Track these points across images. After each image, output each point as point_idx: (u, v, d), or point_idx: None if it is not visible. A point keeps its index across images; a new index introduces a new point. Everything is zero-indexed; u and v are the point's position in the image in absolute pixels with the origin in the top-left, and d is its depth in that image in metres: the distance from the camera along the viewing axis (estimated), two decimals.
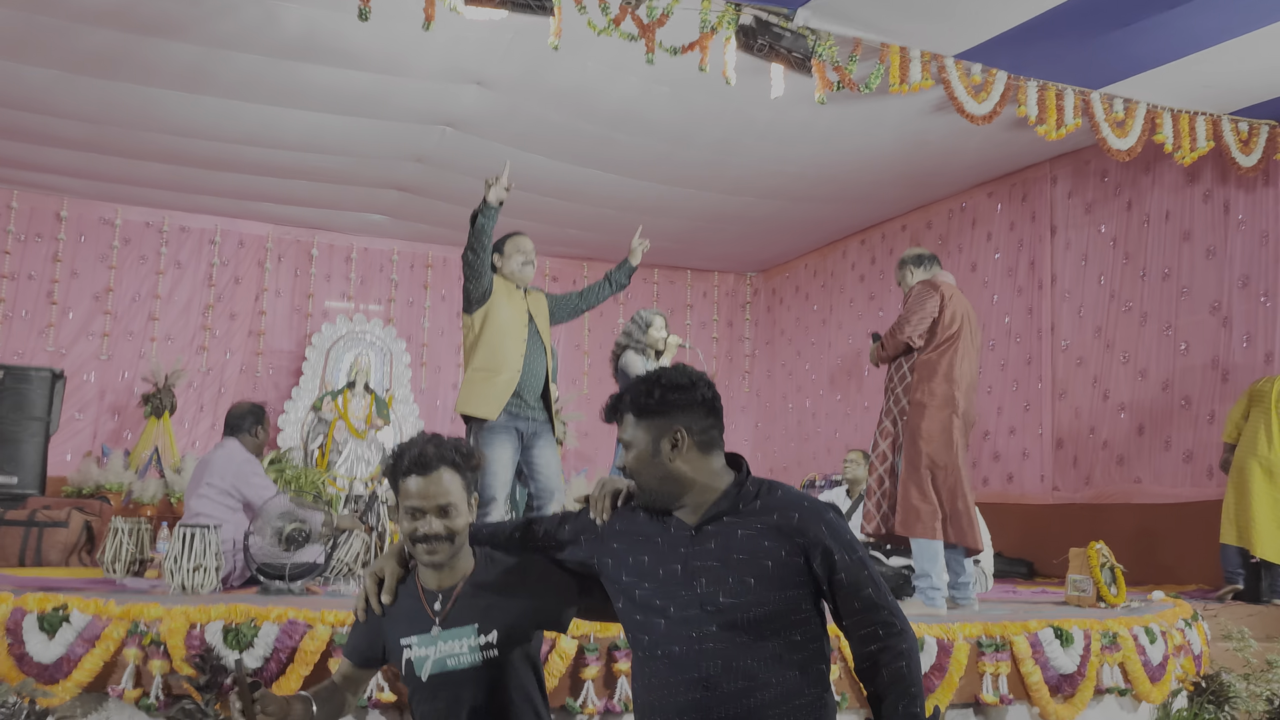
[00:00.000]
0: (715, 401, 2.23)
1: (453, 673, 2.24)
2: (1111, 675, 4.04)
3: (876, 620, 2.10)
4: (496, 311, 4.94)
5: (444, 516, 2.26)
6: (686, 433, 2.17)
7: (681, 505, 2.19)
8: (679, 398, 2.19)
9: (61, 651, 3.16)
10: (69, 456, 9.50)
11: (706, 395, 2.21)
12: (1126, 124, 6.87)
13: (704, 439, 2.19)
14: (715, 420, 2.22)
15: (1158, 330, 7.64)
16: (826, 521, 2.13)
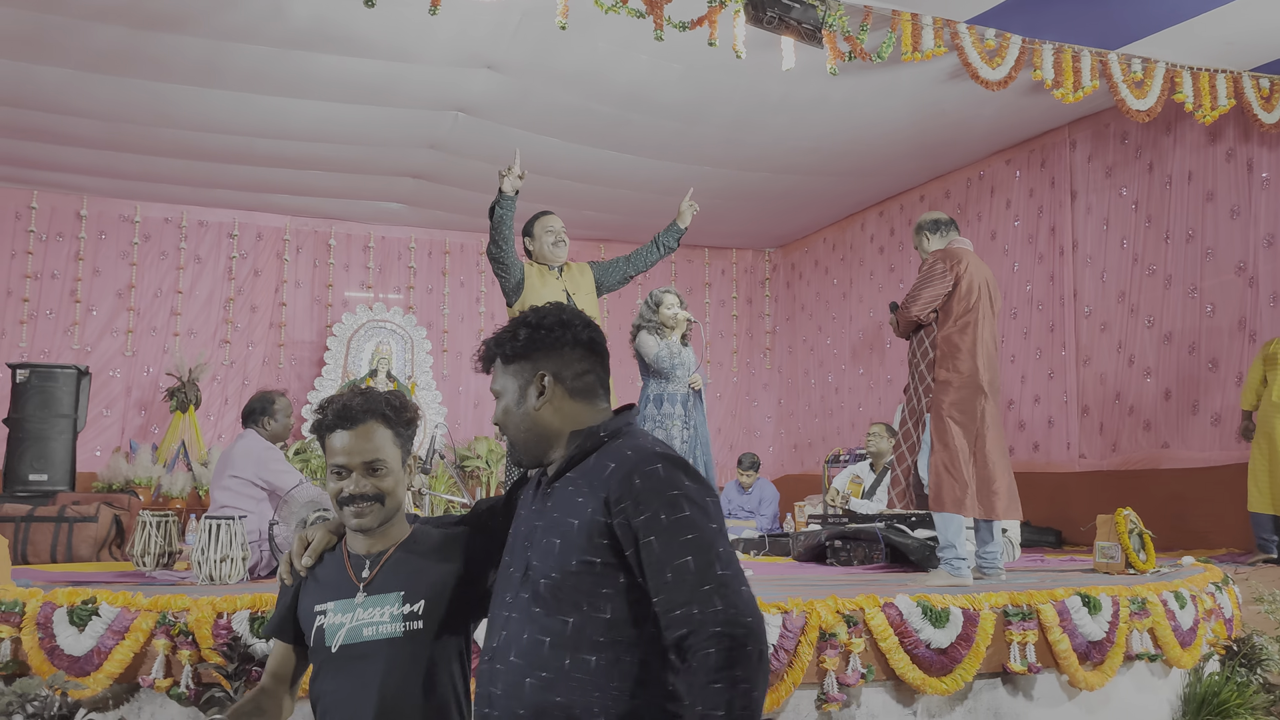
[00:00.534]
0: (595, 343, 1.96)
1: (368, 644, 1.99)
2: (1141, 641, 4.01)
3: (691, 599, 1.67)
4: (534, 300, 4.87)
5: (372, 474, 2.05)
6: (555, 378, 1.92)
7: (551, 461, 1.94)
8: (547, 338, 1.93)
9: (92, 644, 3.19)
10: (98, 452, 9.61)
11: (582, 336, 1.95)
12: (1145, 84, 6.77)
13: (578, 385, 1.94)
14: (594, 364, 1.96)
15: (1183, 293, 7.55)
16: (644, 473, 1.77)
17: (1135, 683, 4.07)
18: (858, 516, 6.96)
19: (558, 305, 2.01)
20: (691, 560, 1.69)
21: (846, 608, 3.50)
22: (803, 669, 3.35)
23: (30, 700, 2.92)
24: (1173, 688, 4.25)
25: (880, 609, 3.54)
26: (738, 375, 12.30)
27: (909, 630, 3.53)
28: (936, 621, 3.56)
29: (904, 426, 4.99)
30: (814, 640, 3.39)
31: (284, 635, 2.14)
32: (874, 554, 5.97)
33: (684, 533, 1.71)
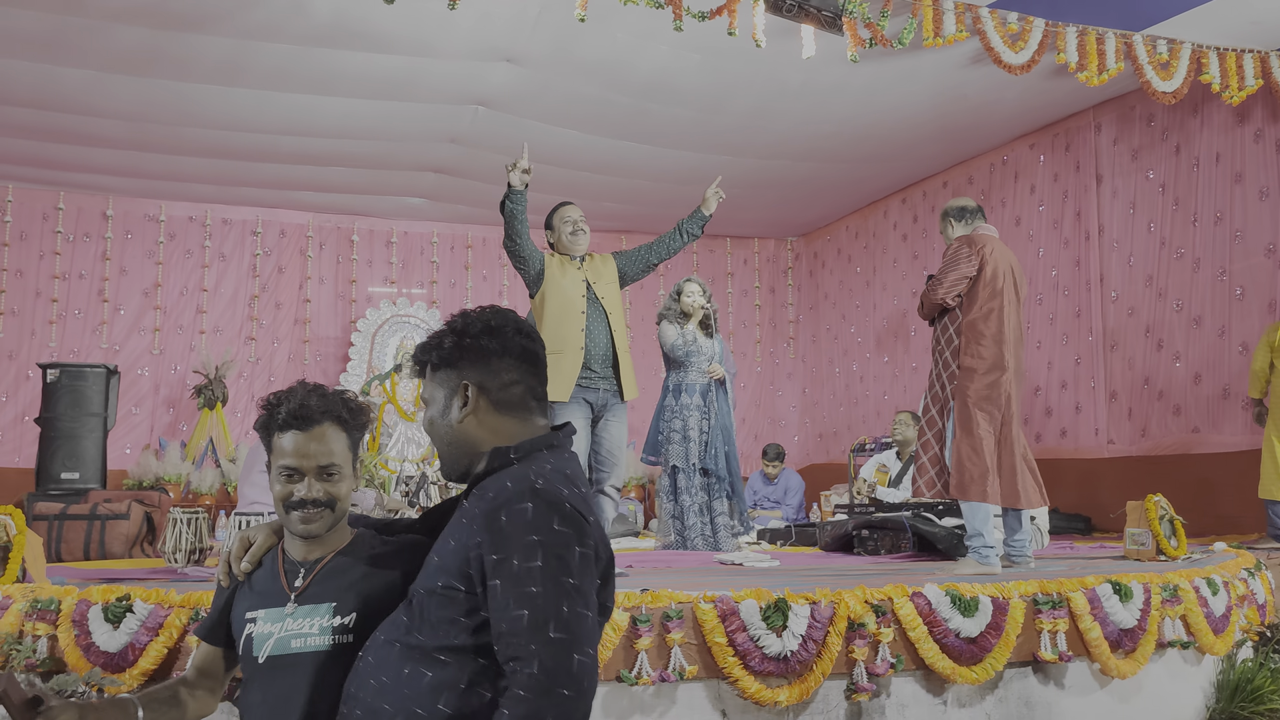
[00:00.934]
0: (527, 352, 1.82)
1: (296, 655, 1.90)
2: (1173, 628, 3.98)
3: (516, 654, 1.57)
4: (554, 291, 4.91)
5: (325, 479, 1.98)
6: (479, 389, 1.80)
7: (473, 475, 1.84)
8: (473, 346, 1.81)
9: (126, 640, 3.22)
10: (128, 450, 9.71)
11: (512, 345, 1.81)
12: (1171, 65, 6.69)
13: (504, 397, 1.80)
14: (525, 374, 1.82)
15: (1211, 276, 7.47)
16: (510, 511, 1.64)
17: (1168, 670, 4.04)
18: (884, 505, 6.94)
19: (492, 311, 1.87)
20: (527, 615, 1.57)
21: (875, 597, 3.49)
22: (831, 659, 3.34)
23: (68, 696, 2.95)
24: (1206, 675, 4.22)
25: (909, 598, 3.52)
26: (761, 365, 12.27)
27: (938, 620, 3.51)
28: (966, 610, 3.54)
29: (928, 414, 4.96)
30: (842, 630, 3.38)
31: (214, 639, 2.08)
32: (901, 543, 5.95)
33: (528, 584, 1.59)
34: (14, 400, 9.66)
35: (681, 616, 3.28)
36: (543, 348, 1.87)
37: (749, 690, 3.27)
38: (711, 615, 3.30)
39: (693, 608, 3.32)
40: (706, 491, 6.41)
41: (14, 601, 3.35)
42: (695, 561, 5.63)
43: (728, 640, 3.29)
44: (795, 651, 3.32)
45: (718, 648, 3.28)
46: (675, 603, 3.32)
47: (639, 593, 3.34)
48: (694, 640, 3.30)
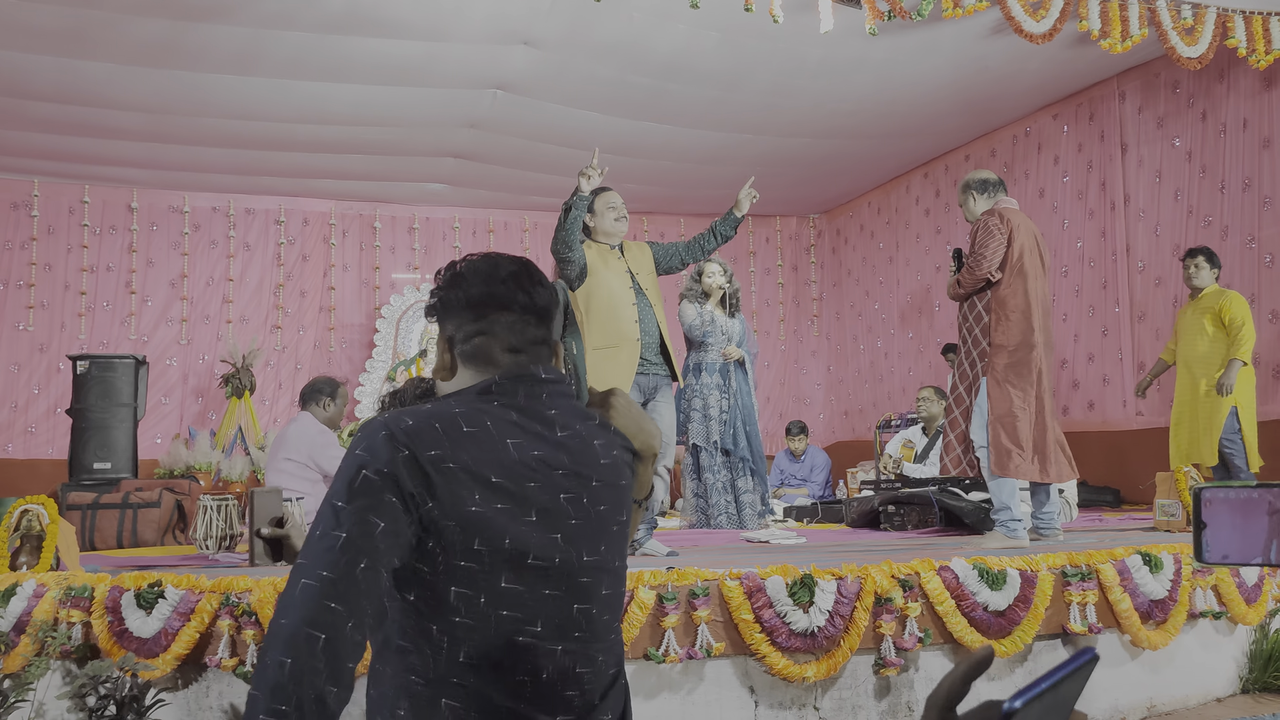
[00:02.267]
0: (490, 299, 1.65)
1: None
2: (1204, 599, 3.95)
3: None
4: (600, 283, 4.86)
5: None
6: (448, 342, 1.68)
7: None
8: (443, 297, 1.69)
9: (159, 626, 3.27)
10: (158, 440, 9.81)
11: (472, 293, 1.66)
12: (1196, 30, 6.58)
13: (467, 349, 1.65)
14: (488, 326, 1.65)
15: (1240, 244, 7.37)
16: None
17: (1200, 641, 4.02)
18: (911, 481, 6.92)
19: (466, 258, 1.73)
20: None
21: (902, 572, 3.48)
22: (859, 635, 3.34)
23: (102, 682, 3.00)
24: (1238, 645, 4.18)
25: (936, 572, 3.51)
26: (785, 343, 12.24)
27: (965, 593, 3.50)
28: (993, 584, 3.53)
29: (955, 391, 4.93)
30: (869, 605, 3.38)
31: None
32: (928, 518, 5.93)
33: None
34: (46, 392, 9.78)
35: (708, 594, 3.29)
36: (531, 293, 1.70)
37: (776, 666, 3.28)
38: (738, 592, 3.31)
39: (719, 585, 3.33)
40: (730, 470, 6.41)
41: (49, 589, 3.40)
42: (721, 540, 5.64)
43: (754, 617, 3.30)
44: (822, 627, 3.32)
45: (745, 624, 3.29)
46: (701, 580, 3.33)
47: (665, 570, 3.34)
48: (721, 617, 3.31)
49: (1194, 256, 6.53)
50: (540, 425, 1.58)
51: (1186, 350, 6.45)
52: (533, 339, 1.68)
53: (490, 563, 1.46)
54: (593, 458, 1.60)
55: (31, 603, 3.39)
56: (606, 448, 1.63)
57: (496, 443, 1.51)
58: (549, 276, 4.82)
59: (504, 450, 1.51)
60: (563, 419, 1.61)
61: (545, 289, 1.72)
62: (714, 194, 11.06)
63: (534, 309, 1.68)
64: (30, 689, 3.12)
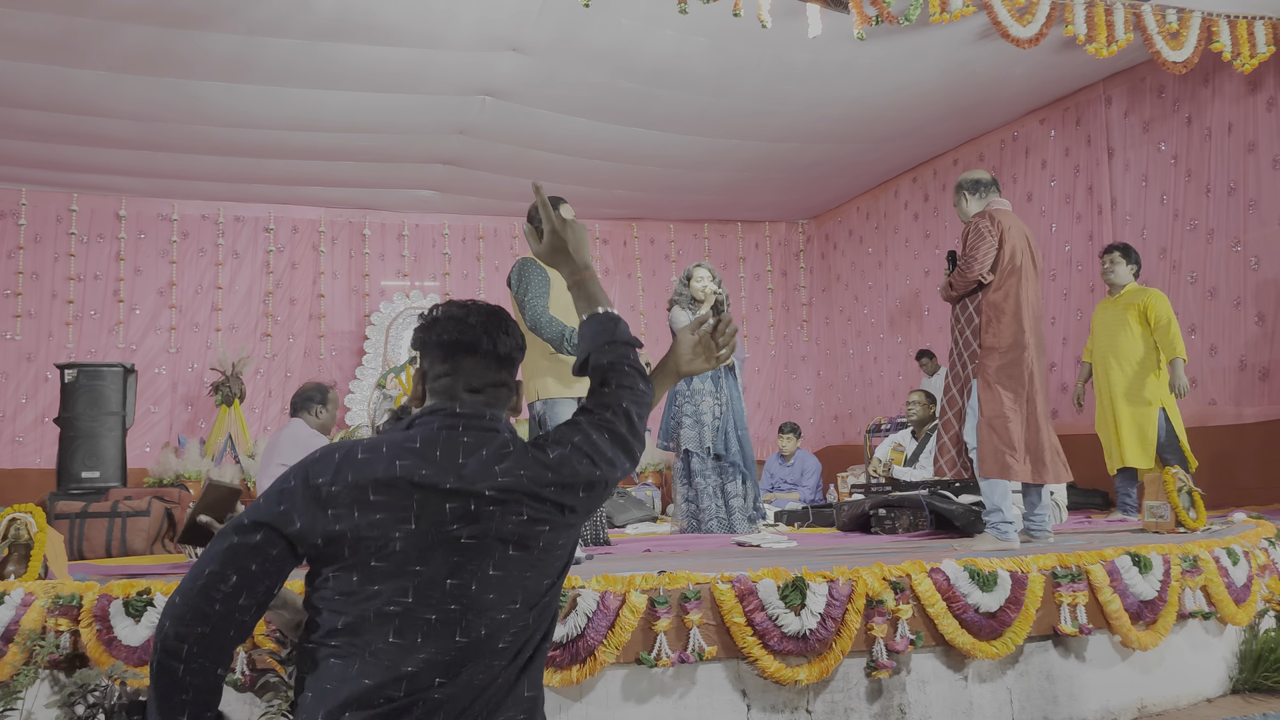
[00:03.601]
0: (458, 345, 1.87)
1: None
2: (1194, 599, 3.96)
3: None
4: (559, 292, 4.91)
5: None
6: (422, 377, 1.92)
7: None
8: (418, 337, 1.92)
9: (148, 634, 3.25)
10: (148, 448, 9.78)
11: (444, 337, 1.88)
12: (1181, 35, 6.63)
13: (436, 386, 1.88)
14: (455, 368, 1.87)
15: (1226, 247, 7.41)
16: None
17: (1189, 641, 4.03)
18: (901, 484, 6.93)
19: (447, 303, 1.95)
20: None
21: (893, 574, 3.48)
22: (851, 637, 3.34)
23: (91, 690, 2.98)
24: (1228, 645, 4.20)
25: (927, 574, 3.52)
26: (775, 348, 12.26)
27: (957, 595, 3.51)
28: (984, 585, 3.54)
29: (949, 394, 4.93)
30: (861, 608, 3.38)
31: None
32: (919, 521, 5.94)
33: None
34: (34, 401, 9.74)
35: (699, 597, 3.29)
36: (495, 342, 1.90)
37: (769, 669, 3.27)
38: (729, 595, 3.31)
39: (710, 588, 3.33)
40: (720, 475, 6.42)
41: (37, 598, 3.38)
42: (712, 544, 5.64)
43: (746, 620, 3.29)
44: (814, 630, 3.32)
45: (736, 628, 3.29)
46: (693, 584, 3.32)
47: (656, 574, 3.34)
48: (712, 621, 3.31)
49: (1110, 253, 6.47)
50: (439, 450, 1.77)
51: (1106, 347, 6.39)
52: (493, 381, 1.90)
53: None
54: (489, 480, 1.75)
55: (19, 611, 3.36)
56: (510, 473, 1.77)
57: (385, 462, 1.75)
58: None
59: (391, 468, 1.74)
60: (471, 447, 1.78)
61: (510, 337, 1.93)
62: (703, 199, 11.09)
63: (496, 355, 1.90)
64: (19, 698, 3.10)
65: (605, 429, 1.89)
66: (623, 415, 1.92)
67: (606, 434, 1.89)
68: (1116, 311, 6.35)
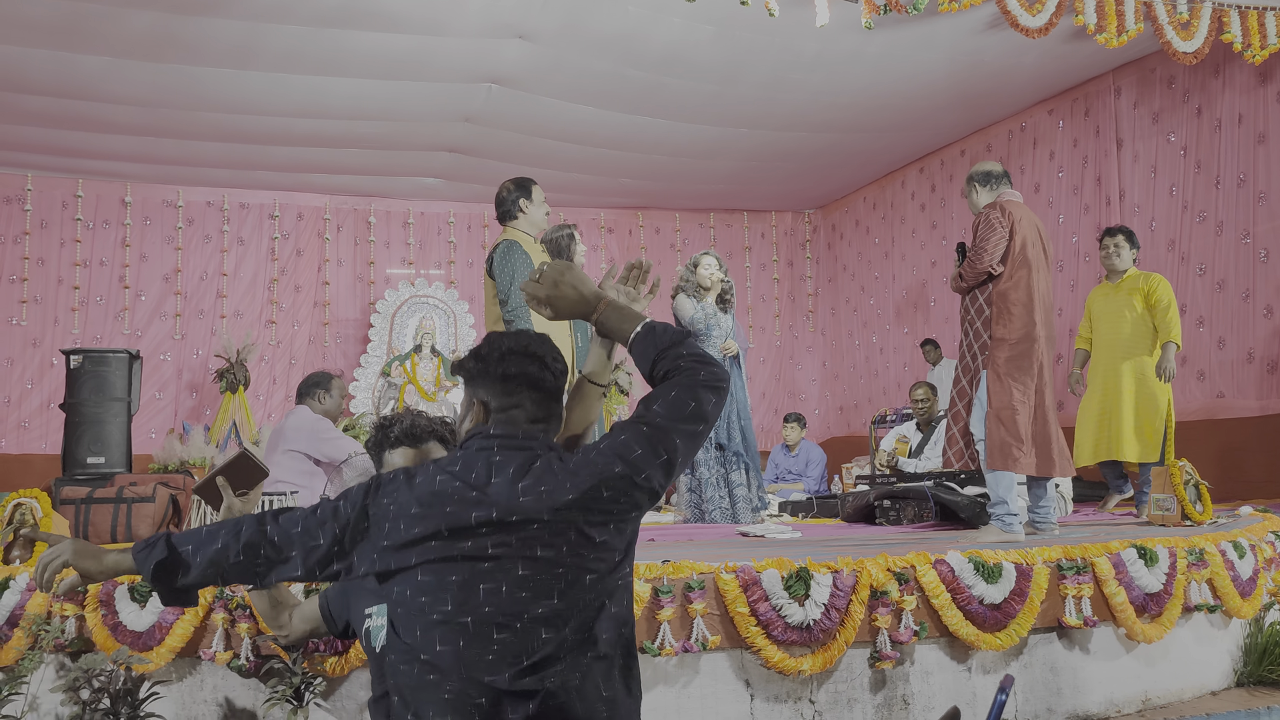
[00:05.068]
0: (534, 380, 2.01)
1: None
2: (1200, 592, 3.94)
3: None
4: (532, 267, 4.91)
5: None
6: (483, 406, 2.03)
7: None
8: (475, 367, 2.04)
9: (153, 620, 3.25)
10: (153, 434, 9.79)
11: (511, 370, 2.01)
12: (1191, 25, 6.59)
13: (501, 417, 2.01)
14: (526, 399, 2.01)
15: (1235, 239, 7.38)
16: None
17: (1194, 634, 4.02)
18: (906, 475, 6.92)
19: (515, 336, 2.06)
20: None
21: (897, 565, 3.47)
22: (855, 628, 3.33)
23: (96, 675, 2.99)
24: (1233, 638, 4.19)
25: (931, 566, 3.51)
26: (781, 339, 12.24)
27: (961, 586, 3.50)
28: (989, 577, 3.53)
29: (958, 385, 4.91)
30: (865, 599, 3.37)
31: (326, 610, 2.42)
32: (924, 512, 5.93)
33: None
34: (39, 387, 9.75)
35: (703, 587, 3.28)
36: (556, 375, 2.04)
37: (772, 660, 3.27)
38: (733, 585, 3.30)
39: (714, 578, 3.32)
40: (723, 465, 6.40)
41: None
42: (716, 534, 5.63)
43: (750, 610, 3.29)
44: (818, 620, 3.31)
45: (740, 618, 3.28)
46: (697, 573, 3.32)
47: (660, 564, 3.34)
48: (716, 610, 3.30)
49: (1113, 236, 6.07)
50: (474, 469, 1.92)
51: (1109, 335, 5.99)
52: (553, 412, 2.06)
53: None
54: (512, 497, 1.88)
55: (24, 596, 3.37)
56: (532, 489, 1.89)
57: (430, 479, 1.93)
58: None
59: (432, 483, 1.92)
60: (500, 466, 1.92)
61: (561, 365, 2.07)
62: (709, 188, 11.06)
63: (556, 389, 2.06)
64: (24, 682, 3.11)
65: (644, 425, 1.95)
66: (672, 403, 1.96)
67: (644, 428, 1.94)
68: (1120, 297, 5.99)
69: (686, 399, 1.97)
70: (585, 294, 2.13)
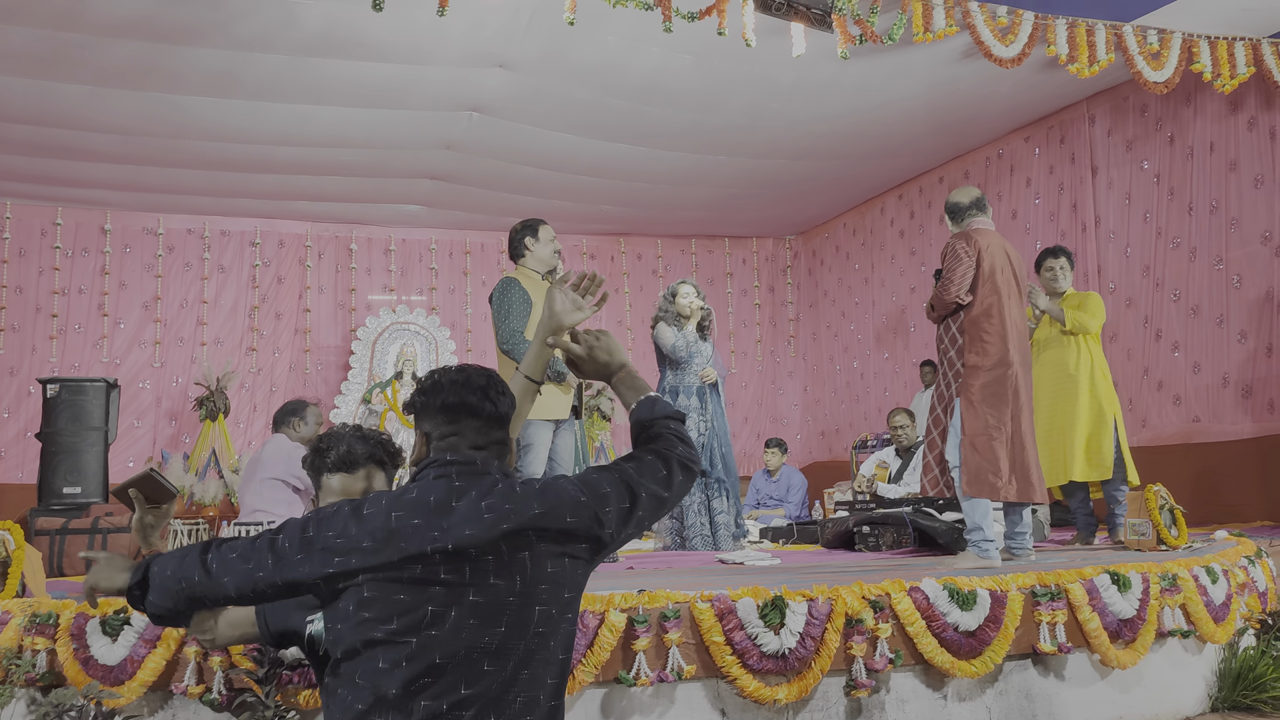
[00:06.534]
0: (464, 407, 2.04)
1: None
2: (1173, 618, 3.97)
3: None
4: (539, 316, 4.96)
5: None
6: (426, 438, 2.07)
7: None
8: (421, 401, 2.08)
9: (125, 653, 3.22)
10: (131, 463, 9.72)
11: (449, 400, 2.04)
12: (1162, 55, 6.69)
13: (441, 445, 2.04)
14: (462, 428, 2.04)
15: (1208, 265, 7.46)
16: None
17: (1169, 659, 4.04)
18: (885, 501, 6.94)
19: (449, 369, 2.10)
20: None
21: (872, 593, 3.49)
22: (830, 656, 3.34)
23: (67, 710, 2.97)
24: (1207, 663, 4.21)
25: (906, 593, 3.52)
26: (763, 364, 12.28)
27: (936, 614, 3.51)
28: (964, 604, 3.54)
29: (934, 412, 4.94)
30: (840, 627, 3.38)
31: (261, 618, 2.36)
32: (903, 538, 5.95)
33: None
34: (15, 416, 9.69)
35: (679, 616, 3.29)
36: (497, 405, 2.07)
37: (748, 689, 3.27)
38: (709, 614, 3.31)
39: (690, 607, 3.32)
40: (705, 491, 6.41)
41: (13, 616, 3.36)
42: (696, 561, 5.63)
43: (725, 639, 3.29)
44: (793, 649, 3.32)
45: (715, 647, 3.28)
46: (672, 603, 3.32)
47: (636, 593, 3.34)
48: (692, 640, 3.31)
49: (1057, 258, 6.01)
50: (432, 497, 1.93)
51: (1053, 356, 5.85)
52: (495, 440, 2.07)
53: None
54: (475, 518, 1.90)
55: None
56: (497, 507, 1.92)
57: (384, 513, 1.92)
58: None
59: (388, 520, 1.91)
60: (461, 491, 1.94)
61: (506, 398, 2.11)
62: (690, 215, 11.13)
63: (497, 416, 2.07)
64: None
65: (616, 472, 2.06)
66: (646, 465, 2.08)
67: (616, 474, 2.05)
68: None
69: (660, 465, 2.10)
70: (612, 362, 2.31)
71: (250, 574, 1.94)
